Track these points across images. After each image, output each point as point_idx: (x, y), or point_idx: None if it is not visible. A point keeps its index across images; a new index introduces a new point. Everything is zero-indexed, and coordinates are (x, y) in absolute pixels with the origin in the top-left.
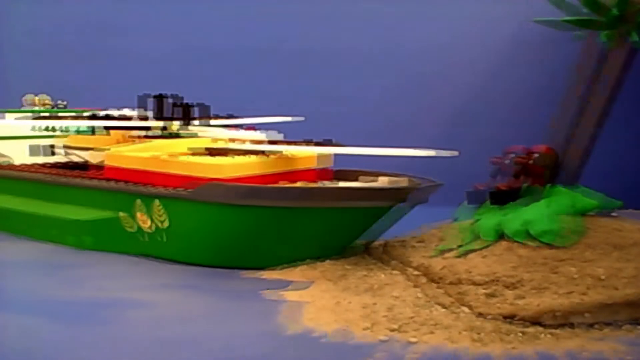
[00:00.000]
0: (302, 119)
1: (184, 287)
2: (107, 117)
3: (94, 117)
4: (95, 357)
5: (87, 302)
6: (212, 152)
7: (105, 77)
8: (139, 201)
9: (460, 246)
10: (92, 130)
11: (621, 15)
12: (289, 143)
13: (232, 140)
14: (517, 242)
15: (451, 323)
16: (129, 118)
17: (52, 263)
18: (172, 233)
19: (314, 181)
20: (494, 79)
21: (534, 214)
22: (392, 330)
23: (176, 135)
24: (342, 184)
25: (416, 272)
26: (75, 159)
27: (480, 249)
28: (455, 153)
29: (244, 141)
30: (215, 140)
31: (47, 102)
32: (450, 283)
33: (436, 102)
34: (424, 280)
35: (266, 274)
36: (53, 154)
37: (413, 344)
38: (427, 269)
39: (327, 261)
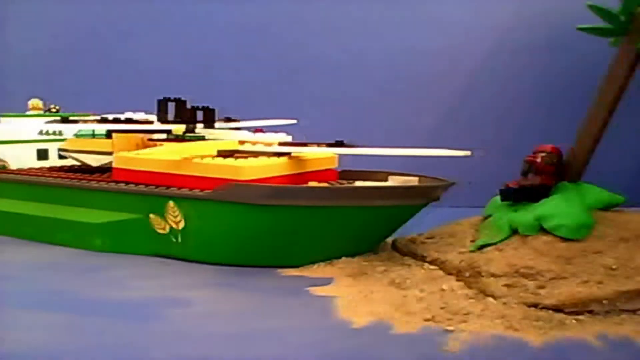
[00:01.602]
0: (294, 121)
1: (223, 285)
2: (129, 121)
3: (116, 121)
4: (169, 353)
5: (135, 302)
6: (236, 154)
7: (98, 81)
8: (171, 203)
9: (499, 240)
10: (92, 134)
11: (629, 21)
12: (301, 145)
13: (242, 142)
14: (558, 236)
15: (480, 312)
16: (151, 122)
17: (80, 265)
18: (203, 234)
19: (327, 182)
20: (503, 81)
21: (546, 209)
22: (448, 320)
23: (199, 139)
24: (360, 183)
25: (458, 267)
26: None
27: (496, 243)
28: (468, 153)
29: (269, 144)
30: (241, 142)
31: (37, 106)
32: (471, 276)
33: (443, 103)
34: (467, 273)
35: (295, 272)
36: (62, 157)
37: (451, 332)
38: (468, 263)
39: (360, 258)
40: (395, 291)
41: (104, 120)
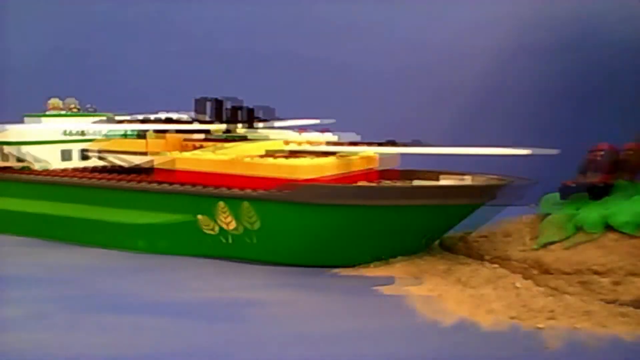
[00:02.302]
0: (332, 121)
1: (286, 285)
2: (169, 121)
3: (156, 121)
4: (272, 354)
5: (207, 303)
6: (288, 154)
7: (112, 82)
8: (221, 203)
9: (565, 238)
10: (125, 134)
11: None
12: (353, 144)
13: (288, 142)
14: (626, 233)
15: (564, 310)
16: (190, 122)
17: (129, 267)
18: (263, 234)
19: (377, 181)
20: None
21: (611, 207)
22: (534, 318)
23: (242, 139)
24: (421, 183)
25: (523, 265)
26: (120, 162)
27: (561, 241)
28: (528, 152)
29: (319, 143)
30: (287, 142)
31: (73, 106)
32: (541, 273)
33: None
34: (535, 271)
35: (353, 272)
36: (85, 158)
37: (541, 330)
38: (535, 261)
39: (414, 257)
40: (467, 290)
41: (147, 121)
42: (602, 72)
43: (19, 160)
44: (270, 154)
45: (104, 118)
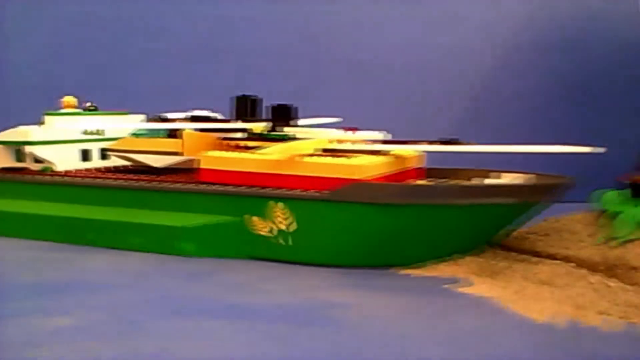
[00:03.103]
0: (340, 119)
1: (358, 286)
2: (207, 120)
3: (198, 119)
4: (386, 353)
5: (288, 305)
6: (331, 152)
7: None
8: (280, 204)
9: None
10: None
11: None
12: (402, 142)
13: (341, 141)
14: None
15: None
16: (226, 121)
17: (185, 271)
18: (305, 235)
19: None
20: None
21: None
22: (636, 315)
23: (279, 139)
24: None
25: (599, 262)
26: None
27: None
28: (601, 150)
29: (363, 141)
30: (331, 141)
31: (89, 104)
32: (625, 270)
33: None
34: (619, 270)
35: (420, 271)
36: (104, 157)
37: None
38: (618, 258)
39: (467, 257)
40: (546, 288)
41: (195, 119)
42: (612, 69)
43: (37, 161)
44: (320, 153)
45: (129, 116)
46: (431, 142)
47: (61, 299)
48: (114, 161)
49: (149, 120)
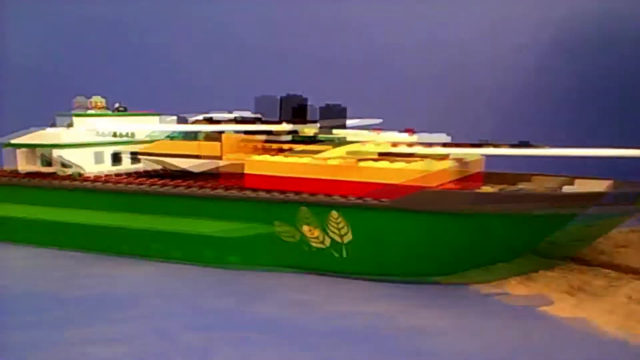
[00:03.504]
0: (379, 120)
1: (433, 306)
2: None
3: (246, 121)
4: None
5: (363, 331)
6: (384, 156)
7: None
8: (334, 213)
9: None
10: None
11: None
12: (466, 146)
13: (396, 144)
14: None
15: None
16: (272, 122)
17: (239, 286)
18: (362, 246)
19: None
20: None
21: None
22: None
23: (328, 142)
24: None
25: None
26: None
27: None
28: None
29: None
30: (394, 144)
31: (100, 104)
32: None
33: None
34: None
35: (492, 288)
36: (134, 161)
37: None
38: None
39: (541, 271)
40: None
41: (242, 121)
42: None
43: (64, 165)
44: (383, 157)
45: (199, 118)
46: (497, 145)
47: (110, 322)
48: (144, 164)
49: (189, 121)
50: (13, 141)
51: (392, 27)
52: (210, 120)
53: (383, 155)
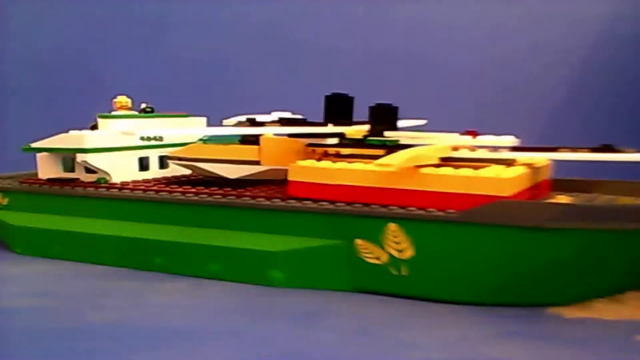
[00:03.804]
0: (425, 121)
1: (515, 334)
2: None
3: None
4: None
5: None
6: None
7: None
8: (392, 226)
9: None
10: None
11: None
12: (538, 150)
13: (457, 148)
14: None
15: None
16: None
17: (288, 308)
18: (426, 264)
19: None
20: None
21: None
22: None
23: (377, 145)
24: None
25: None
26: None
27: None
28: None
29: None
30: (455, 148)
31: (125, 104)
32: None
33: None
34: None
35: (579, 312)
36: (162, 166)
37: None
38: None
39: (627, 292)
40: None
41: (288, 122)
42: None
43: (89, 170)
44: (444, 163)
45: (241, 119)
46: (575, 149)
47: (150, 355)
48: (173, 170)
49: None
50: (34, 145)
51: (457, 26)
52: (254, 122)
53: (446, 161)
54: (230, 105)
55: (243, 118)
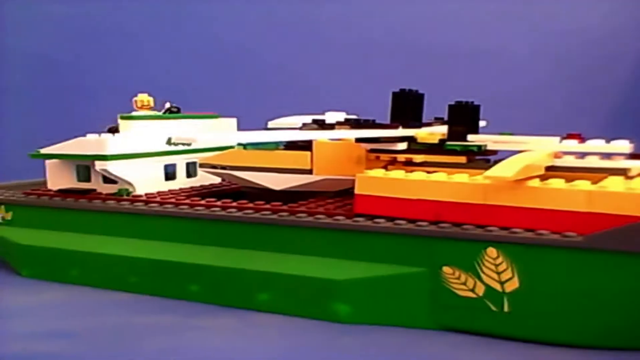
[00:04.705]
0: (483, 123)
1: None
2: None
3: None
4: None
5: None
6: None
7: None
8: (492, 251)
9: None
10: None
11: None
12: None
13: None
14: None
15: None
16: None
17: (359, 352)
18: (534, 298)
19: None
20: None
21: None
22: None
23: (456, 150)
24: None
25: None
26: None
27: None
28: None
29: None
30: (558, 155)
31: (147, 103)
32: None
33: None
34: None
35: None
36: (190, 175)
37: None
38: None
39: None
40: None
41: (359, 125)
42: None
43: (107, 180)
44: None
45: (308, 121)
46: None
47: None
48: (202, 179)
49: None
50: (43, 151)
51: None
52: (323, 124)
53: (552, 171)
54: (257, 105)
55: (302, 119)
